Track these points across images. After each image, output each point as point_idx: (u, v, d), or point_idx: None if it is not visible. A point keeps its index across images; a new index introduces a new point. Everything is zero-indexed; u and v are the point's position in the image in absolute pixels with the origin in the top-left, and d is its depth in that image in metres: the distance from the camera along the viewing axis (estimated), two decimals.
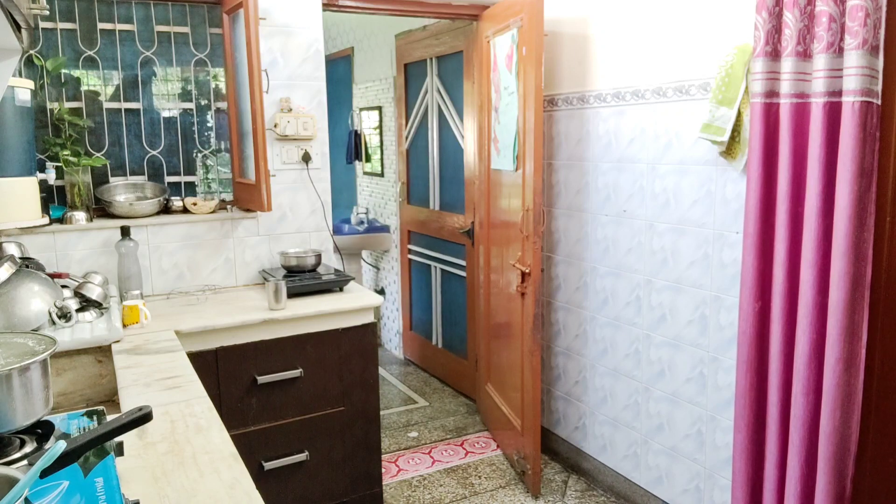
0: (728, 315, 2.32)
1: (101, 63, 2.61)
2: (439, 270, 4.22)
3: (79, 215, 2.49)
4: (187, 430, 1.37)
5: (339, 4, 2.96)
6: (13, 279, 1.92)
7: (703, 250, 2.40)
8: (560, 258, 3.12)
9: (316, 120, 2.86)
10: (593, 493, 2.95)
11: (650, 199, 2.61)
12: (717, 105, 2.17)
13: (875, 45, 1.73)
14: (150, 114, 2.72)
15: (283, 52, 2.77)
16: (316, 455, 2.47)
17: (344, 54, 5.18)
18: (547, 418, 3.27)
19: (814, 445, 1.93)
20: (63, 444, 0.92)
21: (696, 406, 2.49)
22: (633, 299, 2.73)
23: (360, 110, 5.07)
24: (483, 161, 3.34)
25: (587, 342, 3.00)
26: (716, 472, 2.44)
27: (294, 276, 2.64)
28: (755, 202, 2.02)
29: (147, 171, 2.73)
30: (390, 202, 4.75)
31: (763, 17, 1.93)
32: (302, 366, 2.39)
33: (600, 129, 2.82)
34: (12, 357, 1.18)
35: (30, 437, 1.21)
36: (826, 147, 1.83)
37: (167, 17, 2.69)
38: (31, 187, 2.22)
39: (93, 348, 1.89)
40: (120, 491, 1.06)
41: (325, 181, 2.93)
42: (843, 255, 1.79)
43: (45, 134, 2.50)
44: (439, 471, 3.12)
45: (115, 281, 2.48)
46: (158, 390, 1.61)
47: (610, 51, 2.74)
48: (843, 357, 1.83)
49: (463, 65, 3.68)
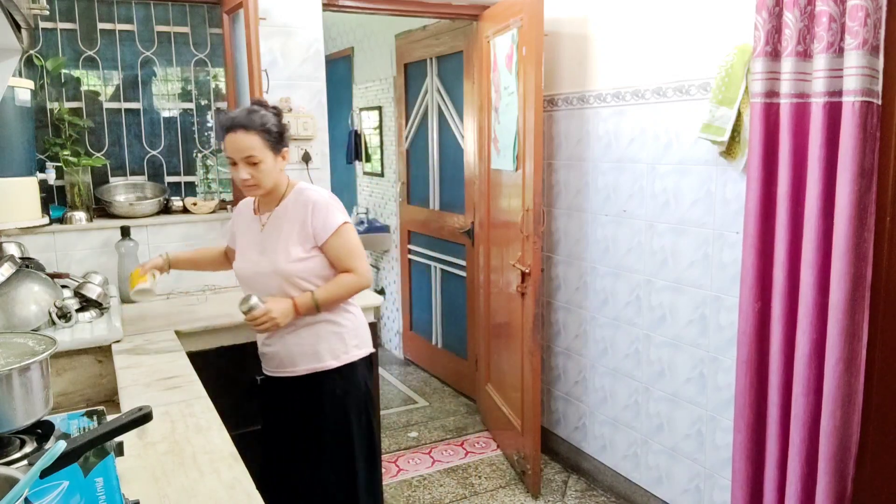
0: (728, 315, 2.32)
1: (101, 63, 2.61)
2: (439, 270, 4.22)
3: (79, 215, 2.49)
4: (187, 430, 1.37)
5: (339, 4, 2.96)
6: (13, 279, 1.92)
7: (703, 250, 2.40)
8: (560, 258, 3.12)
9: (316, 120, 2.86)
10: (593, 493, 2.95)
11: (650, 199, 2.61)
12: (717, 105, 2.17)
13: (875, 45, 1.73)
14: (150, 114, 2.72)
15: (283, 52, 2.77)
16: None
17: (344, 54, 5.17)
18: (547, 418, 3.27)
19: (814, 445, 1.93)
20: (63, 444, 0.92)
21: (697, 406, 2.49)
22: (632, 299, 2.73)
23: (360, 110, 5.06)
24: (483, 161, 3.34)
25: (587, 342, 3.00)
26: (716, 473, 2.44)
27: None
28: (755, 202, 2.02)
29: (147, 171, 2.73)
30: (390, 202, 4.75)
31: (763, 17, 1.93)
32: None
33: (600, 129, 2.82)
34: (12, 357, 1.18)
35: (30, 437, 1.21)
36: (826, 147, 1.83)
37: (167, 17, 2.69)
38: (31, 187, 2.22)
39: (93, 348, 1.89)
40: (120, 491, 1.06)
41: (325, 181, 2.92)
42: (844, 255, 1.79)
43: (45, 134, 2.50)
44: (439, 471, 3.12)
45: (115, 281, 2.48)
46: (158, 390, 1.61)
47: (610, 51, 2.74)
48: (843, 357, 1.82)
49: (463, 65, 3.68)
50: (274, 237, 1.91)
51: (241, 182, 1.86)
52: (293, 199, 1.92)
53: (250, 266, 1.95)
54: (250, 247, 1.97)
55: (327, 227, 1.88)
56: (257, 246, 1.95)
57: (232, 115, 1.84)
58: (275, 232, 1.92)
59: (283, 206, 1.93)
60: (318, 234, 1.89)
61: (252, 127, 1.82)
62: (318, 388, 1.96)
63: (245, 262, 1.98)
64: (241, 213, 2.08)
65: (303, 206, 1.90)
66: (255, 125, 1.82)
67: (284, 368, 1.98)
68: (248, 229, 2.01)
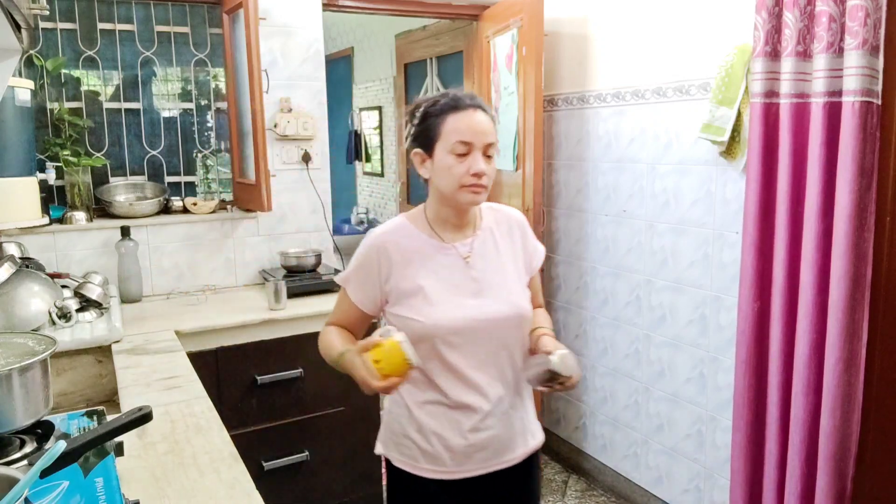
0: (728, 315, 2.32)
1: (101, 63, 2.61)
2: None
3: (79, 215, 2.49)
4: (187, 430, 1.37)
5: (339, 4, 2.96)
6: (13, 279, 1.92)
7: (703, 250, 2.40)
8: (560, 258, 3.12)
9: (316, 120, 2.86)
10: (593, 493, 2.95)
11: (650, 199, 2.61)
12: (717, 105, 2.17)
13: (875, 45, 1.73)
14: (150, 114, 2.72)
15: (283, 52, 2.77)
16: (316, 455, 2.47)
17: (344, 54, 5.18)
18: (547, 418, 3.27)
19: (814, 445, 1.93)
20: (63, 444, 0.92)
21: (696, 406, 2.49)
22: (632, 299, 2.73)
23: (360, 110, 5.07)
24: None
25: (587, 342, 3.00)
26: (716, 472, 2.44)
27: (294, 276, 2.64)
28: (755, 202, 2.02)
29: (147, 171, 2.73)
30: (390, 202, 4.75)
31: (763, 17, 1.93)
32: (302, 366, 2.39)
33: (600, 129, 2.82)
34: (12, 357, 1.18)
35: (30, 437, 1.21)
36: (826, 147, 1.83)
37: (167, 17, 2.69)
38: (31, 187, 2.22)
39: (93, 348, 1.89)
40: (120, 491, 1.06)
41: (325, 181, 2.92)
42: (843, 255, 1.79)
43: (45, 134, 2.50)
44: None
45: (115, 281, 2.48)
46: (158, 390, 1.61)
47: (610, 51, 2.74)
48: (843, 357, 1.82)
49: (463, 65, 3.68)
50: (494, 270, 1.44)
51: (469, 180, 1.35)
52: (492, 218, 1.51)
53: (474, 313, 1.39)
54: (456, 289, 1.41)
55: (539, 252, 1.54)
56: (469, 286, 1.41)
57: (462, 93, 1.41)
58: (492, 264, 1.45)
59: (485, 227, 1.48)
60: (533, 261, 1.52)
61: (488, 112, 1.41)
62: (532, 472, 1.53)
63: (461, 310, 1.39)
64: (401, 246, 1.44)
65: (508, 225, 1.51)
66: (490, 112, 1.42)
67: (501, 458, 1.45)
68: (438, 266, 1.42)
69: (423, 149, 1.42)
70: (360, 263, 1.47)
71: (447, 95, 1.40)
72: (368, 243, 1.47)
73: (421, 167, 1.44)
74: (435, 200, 1.45)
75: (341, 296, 1.51)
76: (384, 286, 1.43)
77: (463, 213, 1.44)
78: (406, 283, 1.41)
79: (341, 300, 1.51)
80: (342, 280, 1.50)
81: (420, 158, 1.43)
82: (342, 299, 1.51)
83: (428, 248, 1.43)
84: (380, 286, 1.44)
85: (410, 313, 1.39)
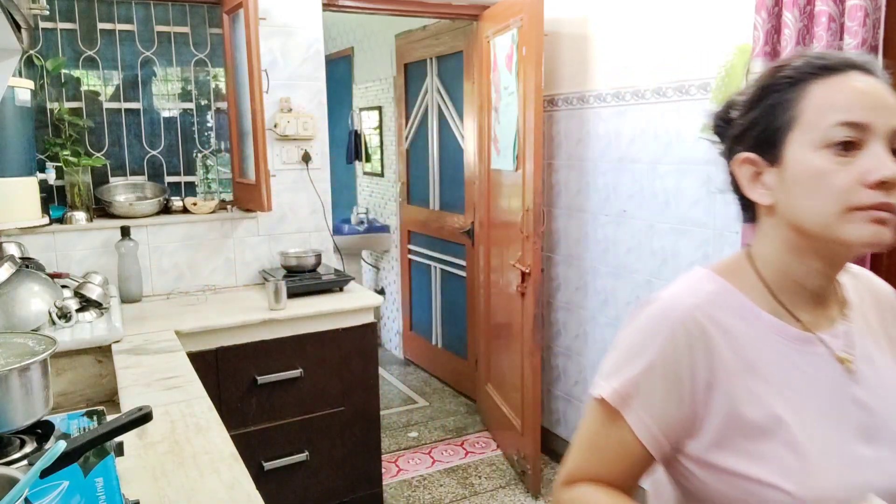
0: None
1: (101, 63, 2.61)
2: (439, 270, 4.22)
3: (79, 215, 2.49)
4: (187, 430, 1.37)
5: (339, 4, 2.96)
6: (13, 279, 1.92)
7: (703, 250, 2.40)
8: (560, 258, 3.12)
9: (316, 120, 2.86)
10: None
11: (650, 199, 2.61)
12: (718, 105, 2.17)
13: (874, 45, 1.73)
14: (150, 114, 2.72)
15: (283, 52, 2.77)
16: (316, 455, 2.47)
17: (344, 54, 5.18)
18: (547, 418, 3.27)
19: None
20: (63, 444, 0.92)
21: None
22: (633, 299, 2.73)
23: (360, 110, 5.07)
24: (483, 161, 3.34)
25: (587, 342, 3.00)
26: None
27: (294, 276, 2.64)
28: None
29: (147, 171, 2.73)
30: (390, 202, 4.75)
31: (762, 17, 1.93)
32: (302, 366, 2.39)
33: (600, 129, 2.82)
34: (12, 357, 1.18)
35: (30, 437, 1.21)
36: None
37: (167, 17, 2.69)
38: (31, 187, 2.22)
39: (93, 348, 1.89)
40: (120, 491, 1.06)
41: (325, 181, 2.93)
42: None
43: (45, 134, 2.50)
44: (439, 471, 3.12)
45: (115, 281, 2.48)
46: (158, 390, 1.61)
47: (610, 51, 2.74)
48: None
49: (463, 65, 3.68)
50: (890, 389, 0.85)
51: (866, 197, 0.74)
52: (851, 287, 0.94)
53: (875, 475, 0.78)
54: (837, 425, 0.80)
55: None
56: (853, 416, 0.80)
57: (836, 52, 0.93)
58: (884, 375, 0.86)
59: (853, 303, 0.91)
60: None
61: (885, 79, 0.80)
62: None
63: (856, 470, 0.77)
64: (732, 333, 0.81)
65: (875, 300, 0.95)
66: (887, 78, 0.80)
67: None
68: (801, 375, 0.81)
69: (760, 151, 0.83)
70: (654, 361, 0.80)
71: (805, 56, 0.82)
72: (668, 317, 0.81)
73: (754, 184, 0.84)
74: (782, 246, 0.83)
75: (601, 424, 0.85)
76: (699, 407, 0.79)
77: (838, 267, 0.84)
78: (752, 409, 0.77)
79: (602, 432, 0.85)
80: (615, 395, 0.82)
81: (752, 169, 0.84)
82: (604, 430, 0.84)
83: (778, 338, 0.81)
84: (691, 404, 0.79)
85: (761, 471, 0.75)
